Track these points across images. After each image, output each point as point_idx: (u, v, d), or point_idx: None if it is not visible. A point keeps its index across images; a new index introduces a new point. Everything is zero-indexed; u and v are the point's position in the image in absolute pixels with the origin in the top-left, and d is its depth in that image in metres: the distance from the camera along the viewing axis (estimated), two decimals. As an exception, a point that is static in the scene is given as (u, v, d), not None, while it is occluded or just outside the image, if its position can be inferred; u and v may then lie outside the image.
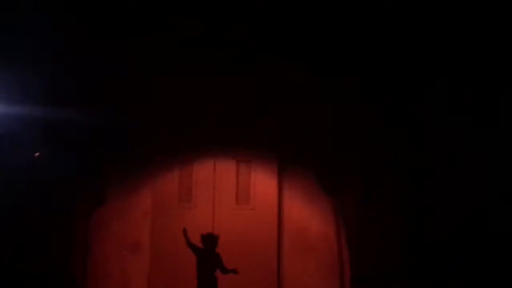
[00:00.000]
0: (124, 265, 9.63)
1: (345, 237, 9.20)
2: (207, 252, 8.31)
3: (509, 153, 8.45)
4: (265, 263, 9.25)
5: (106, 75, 8.76)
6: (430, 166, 8.57)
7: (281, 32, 8.47)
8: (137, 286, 9.56)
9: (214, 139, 9.36)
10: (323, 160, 9.08)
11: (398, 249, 8.48)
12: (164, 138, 9.35)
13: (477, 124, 8.50)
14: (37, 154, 9.25)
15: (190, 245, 8.34)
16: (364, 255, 8.77)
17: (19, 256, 8.77)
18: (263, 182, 9.67)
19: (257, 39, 8.48)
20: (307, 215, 9.51)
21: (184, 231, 8.45)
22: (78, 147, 9.07)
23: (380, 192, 8.61)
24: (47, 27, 8.47)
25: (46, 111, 8.84)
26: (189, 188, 9.76)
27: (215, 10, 8.53)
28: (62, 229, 9.05)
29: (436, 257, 8.49)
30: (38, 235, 8.82)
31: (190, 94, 8.70)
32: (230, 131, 9.14)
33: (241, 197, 9.72)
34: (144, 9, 8.58)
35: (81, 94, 8.92)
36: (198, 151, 9.64)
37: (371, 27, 8.50)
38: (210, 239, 8.35)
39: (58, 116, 8.90)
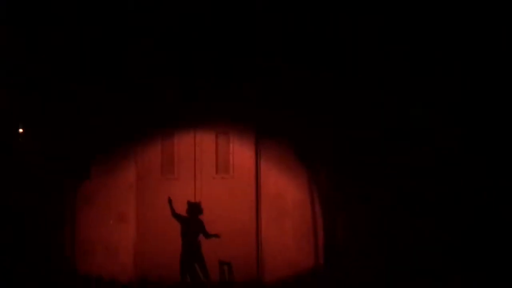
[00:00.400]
0: (110, 235, 9.87)
1: (319, 206, 9.51)
2: (191, 220, 8.82)
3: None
4: (244, 228, 9.60)
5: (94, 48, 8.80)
6: (405, 143, 8.69)
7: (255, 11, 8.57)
8: (123, 254, 9.81)
9: (194, 113, 9.53)
10: (299, 133, 9.31)
11: (368, 222, 8.73)
12: (145, 112, 9.45)
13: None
14: (21, 130, 9.35)
15: (175, 214, 8.84)
16: (335, 225, 9.12)
17: (11, 231, 8.88)
18: (241, 152, 9.91)
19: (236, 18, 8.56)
20: (284, 184, 9.79)
21: (169, 201, 8.88)
22: (62, 123, 9.15)
23: (352, 167, 8.83)
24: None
25: (31, 84, 8.89)
26: (171, 160, 9.99)
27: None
28: (50, 203, 9.20)
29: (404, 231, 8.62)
30: (27, 210, 8.94)
31: (171, 69, 8.80)
32: (209, 105, 9.30)
33: (220, 167, 9.96)
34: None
35: (67, 69, 8.95)
36: (179, 124, 9.82)
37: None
38: (196, 207, 8.87)
39: (42, 90, 8.97)
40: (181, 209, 9.17)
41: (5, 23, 8.68)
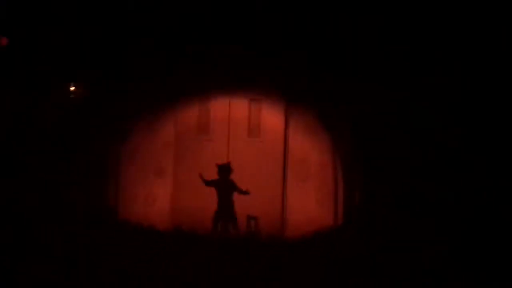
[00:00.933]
0: (150, 188, 10.46)
1: (341, 170, 9.91)
2: (223, 181, 9.38)
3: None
4: (271, 187, 10.09)
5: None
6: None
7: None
8: (161, 205, 10.43)
9: (230, 80, 9.90)
10: (323, 102, 9.63)
11: (385, 187, 8.97)
12: (184, 78, 9.87)
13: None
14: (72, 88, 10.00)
15: (207, 183, 9.38)
16: (355, 188, 9.48)
17: (61, 185, 9.47)
18: (271, 118, 10.30)
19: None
20: (309, 148, 10.18)
21: (200, 176, 9.42)
22: (106, 91, 9.75)
23: (374, 137, 9.12)
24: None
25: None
26: (207, 122, 10.44)
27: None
28: (95, 160, 9.76)
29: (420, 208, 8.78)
30: (75, 166, 9.53)
31: (210, 39, 9.21)
32: (244, 73, 9.65)
33: (252, 131, 10.37)
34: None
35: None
36: (215, 90, 10.25)
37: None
38: (225, 168, 9.43)
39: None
40: (214, 170, 9.75)
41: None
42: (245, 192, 9.39)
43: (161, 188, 10.49)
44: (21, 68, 9.52)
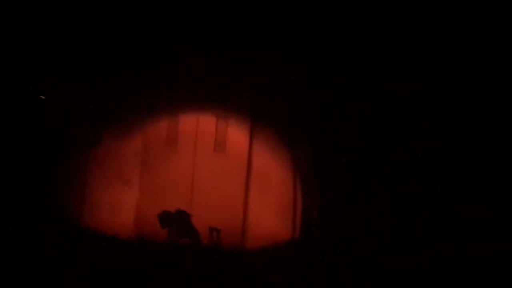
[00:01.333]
0: (116, 196, 10.53)
1: (300, 185, 10.31)
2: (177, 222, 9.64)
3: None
4: (234, 200, 10.37)
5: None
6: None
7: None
8: (126, 213, 10.49)
9: (199, 99, 10.31)
10: (286, 122, 10.12)
11: (340, 202, 9.45)
12: (155, 92, 10.19)
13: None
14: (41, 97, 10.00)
15: (164, 226, 9.65)
16: (312, 203, 9.87)
17: (28, 188, 9.40)
18: (237, 135, 10.60)
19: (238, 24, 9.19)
20: (271, 163, 10.51)
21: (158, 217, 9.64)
22: (79, 100, 9.88)
23: (330, 153, 9.61)
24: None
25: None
26: (176, 135, 10.64)
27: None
28: (63, 165, 9.91)
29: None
30: (43, 170, 9.51)
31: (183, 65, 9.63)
32: (213, 93, 10.12)
33: (218, 146, 10.64)
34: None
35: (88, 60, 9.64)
36: (186, 107, 10.50)
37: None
38: (167, 218, 9.76)
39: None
40: (179, 180, 10.14)
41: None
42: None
43: (127, 197, 10.62)
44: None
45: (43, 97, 10.05)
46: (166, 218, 9.85)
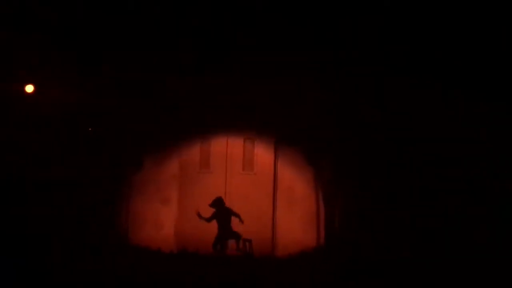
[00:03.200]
0: (157, 214, 11.30)
1: (322, 198, 10.79)
2: (219, 211, 10.20)
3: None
4: (263, 213, 10.95)
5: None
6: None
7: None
8: (167, 229, 11.25)
9: (228, 123, 10.95)
10: (308, 140, 10.61)
11: (361, 213, 9.70)
12: (188, 121, 10.93)
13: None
14: (90, 129, 10.90)
15: (209, 219, 10.13)
16: (334, 214, 10.27)
17: (80, 209, 10.22)
18: (263, 154, 11.26)
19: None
20: (295, 179, 11.10)
21: (199, 215, 10.11)
22: (121, 130, 10.67)
23: (349, 168, 10.01)
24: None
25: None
26: (208, 158, 11.38)
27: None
28: (111, 189, 10.65)
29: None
30: (94, 194, 10.29)
31: (209, 91, 10.28)
32: (240, 116, 10.72)
33: (246, 165, 11.28)
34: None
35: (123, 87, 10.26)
36: (215, 130, 11.23)
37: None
38: (218, 201, 10.27)
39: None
40: (213, 196, 10.67)
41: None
42: (240, 219, 10.15)
43: (167, 215, 11.31)
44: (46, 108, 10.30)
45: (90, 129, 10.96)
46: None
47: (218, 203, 10.24)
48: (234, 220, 10.52)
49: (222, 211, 10.20)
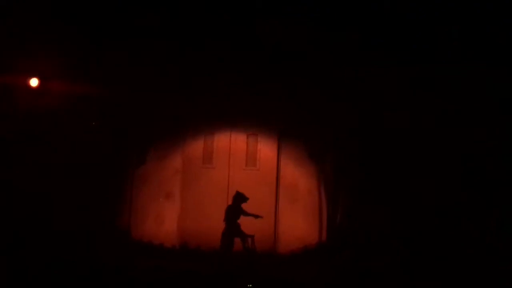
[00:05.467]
0: (160, 209, 11.31)
1: (324, 193, 10.83)
2: (235, 207, 9.95)
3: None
4: (265, 210, 10.81)
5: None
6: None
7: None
8: (169, 224, 11.26)
9: (231, 118, 10.98)
10: (310, 136, 10.68)
11: (363, 209, 9.77)
12: (191, 116, 10.94)
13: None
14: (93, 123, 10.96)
15: (245, 214, 9.84)
16: (337, 210, 10.31)
17: (84, 202, 10.24)
18: (266, 150, 11.26)
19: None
20: (297, 175, 11.11)
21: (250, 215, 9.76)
22: (125, 124, 10.71)
23: (352, 164, 10.05)
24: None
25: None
26: (211, 153, 11.39)
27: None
28: (114, 183, 10.74)
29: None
30: (97, 188, 10.36)
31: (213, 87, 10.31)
32: (243, 111, 10.77)
33: (249, 161, 11.29)
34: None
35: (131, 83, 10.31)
36: (219, 126, 11.25)
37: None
38: (242, 197, 10.02)
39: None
40: (216, 194, 10.72)
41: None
42: (258, 216, 9.93)
43: (170, 209, 11.34)
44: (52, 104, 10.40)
45: (93, 123, 11.03)
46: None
47: (239, 198, 9.98)
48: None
49: (236, 207, 10.00)
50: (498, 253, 8.74)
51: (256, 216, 9.71)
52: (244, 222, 10.13)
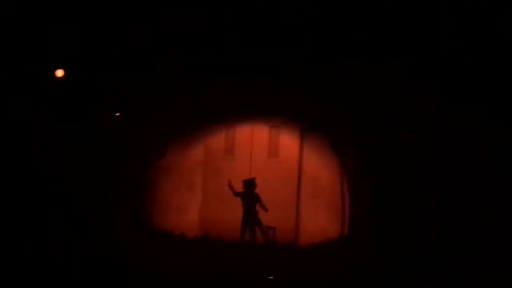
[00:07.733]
0: (182, 200, 11.53)
1: (347, 185, 10.82)
2: (248, 194, 10.21)
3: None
4: (287, 201, 11.10)
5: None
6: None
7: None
8: (191, 215, 11.51)
9: (254, 110, 11.01)
10: (333, 129, 10.58)
11: (386, 202, 9.59)
12: (214, 108, 10.94)
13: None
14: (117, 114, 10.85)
15: (235, 194, 10.21)
16: (359, 202, 10.23)
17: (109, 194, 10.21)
18: (288, 142, 11.35)
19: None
20: (320, 168, 11.19)
21: (229, 185, 10.12)
22: (147, 117, 10.66)
23: (377, 158, 9.89)
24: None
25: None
26: (233, 144, 11.54)
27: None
28: (136, 175, 10.74)
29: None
30: (120, 179, 10.31)
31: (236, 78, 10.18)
32: (266, 104, 10.70)
33: (271, 153, 11.43)
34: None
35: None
36: (241, 118, 11.35)
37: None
38: (250, 183, 10.32)
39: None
40: (238, 185, 10.72)
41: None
42: (265, 208, 10.18)
43: (192, 200, 11.57)
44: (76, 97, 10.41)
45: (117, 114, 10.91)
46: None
47: (250, 184, 10.11)
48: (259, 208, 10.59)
49: (250, 194, 10.10)
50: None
51: (264, 208, 9.73)
52: (265, 214, 10.22)
